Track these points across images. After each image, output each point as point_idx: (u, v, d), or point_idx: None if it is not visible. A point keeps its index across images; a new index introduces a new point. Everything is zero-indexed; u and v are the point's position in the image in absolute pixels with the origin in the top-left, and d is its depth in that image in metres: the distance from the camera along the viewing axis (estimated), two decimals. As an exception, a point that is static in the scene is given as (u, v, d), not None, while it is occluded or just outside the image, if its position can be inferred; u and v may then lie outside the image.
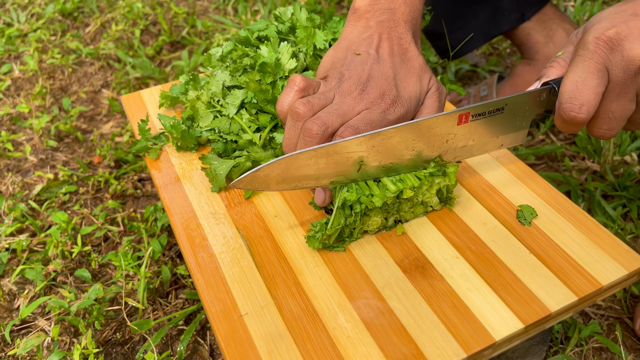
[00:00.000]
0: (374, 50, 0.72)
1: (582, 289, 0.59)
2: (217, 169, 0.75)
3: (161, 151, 0.84)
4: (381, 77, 0.70)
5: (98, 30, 1.76)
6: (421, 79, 0.73)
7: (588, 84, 0.60)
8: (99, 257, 1.07)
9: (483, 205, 0.71)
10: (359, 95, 0.68)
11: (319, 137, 0.65)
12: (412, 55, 0.74)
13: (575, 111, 0.60)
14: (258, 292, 0.64)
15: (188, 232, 0.72)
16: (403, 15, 0.75)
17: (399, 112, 0.69)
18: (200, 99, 0.82)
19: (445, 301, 0.60)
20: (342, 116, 0.67)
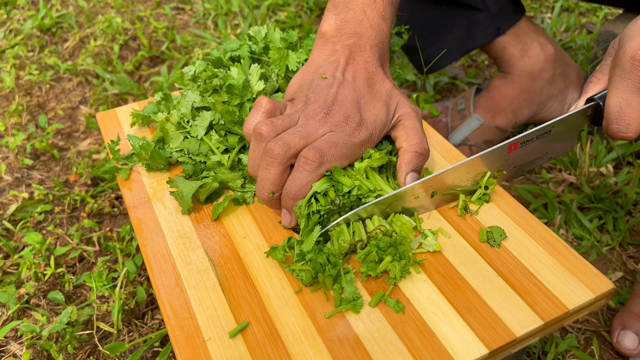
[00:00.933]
0: (340, 74, 0.72)
1: (548, 313, 0.59)
2: (183, 190, 0.74)
3: (131, 171, 0.83)
4: (346, 100, 0.70)
5: (77, 46, 1.75)
6: (388, 104, 0.73)
7: (631, 104, 0.64)
8: (73, 279, 1.06)
9: (452, 226, 0.70)
10: (323, 118, 0.69)
11: (281, 158, 0.65)
12: (378, 80, 0.74)
13: (622, 132, 0.65)
14: (222, 317, 0.63)
15: (155, 254, 0.71)
16: (369, 39, 0.75)
17: (363, 135, 0.69)
18: (170, 120, 0.81)
19: (411, 325, 0.60)
20: (305, 138, 0.67)
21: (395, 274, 0.63)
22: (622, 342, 0.89)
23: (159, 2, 1.96)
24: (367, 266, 0.64)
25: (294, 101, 0.74)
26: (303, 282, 0.65)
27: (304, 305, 0.63)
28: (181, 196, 0.74)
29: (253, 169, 0.70)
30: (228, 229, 0.74)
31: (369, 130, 0.70)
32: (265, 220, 0.75)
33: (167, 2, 1.96)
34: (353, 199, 0.67)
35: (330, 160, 0.67)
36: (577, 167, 1.19)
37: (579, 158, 1.20)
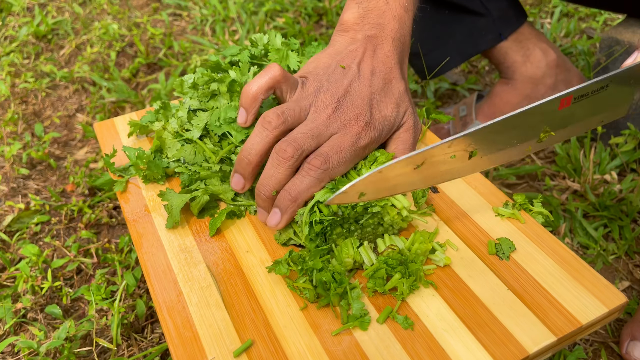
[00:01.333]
0: (356, 66, 0.70)
1: (561, 328, 0.57)
2: (173, 204, 0.73)
3: (128, 183, 0.81)
4: (358, 96, 0.69)
5: (73, 53, 1.73)
6: (399, 106, 0.72)
7: None
8: (71, 292, 1.04)
9: (460, 238, 0.69)
10: (333, 113, 0.68)
11: (293, 160, 0.65)
12: (394, 78, 0.72)
13: None
14: (226, 335, 0.61)
15: (156, 269, 0.69)
16: (392, 32, 0.73)
17: (371, 136, 0.68)
18: (167, 129, 0.80)
19: (420, 342, 0.58)
20: (316, 137, 0.66)
21: (402, 290, 0.61)
22: (632, 354, 0.88)
23: (156, 9, 1.95)
24: (375, 282, 0.62)
25: (305, 82, 0.72)
26: (308, 300, 0.63)
27: (309, 322, 0.61)
28: (170, 209, 0.73)
29: (248, 153, 0.68)
30: (230, 242, 0.72)
31: (377, 131, 0.69)
32: (269, 233, 0.73)
33: (164, 9, 1.95)
34: (359, 209, 0.65)
35: (335, 167, 0.66)
36: (581, 175, 1.18)
37: (583, 165, 1.19)
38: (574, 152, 1.22)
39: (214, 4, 1.89)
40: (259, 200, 0.69)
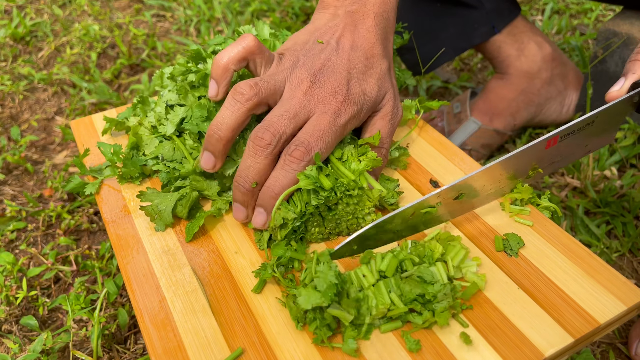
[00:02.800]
0: (335, 41, 0.67)
1: (578, 329, 0.53)
2: (160, 205, 0.67)
3: (103, 184, 0.76)
4: (336, 70, 0.65)
5: (52, 55, 1.67)
6: (380, 84, 0.68)
7: None
8: (48, 302, 0.97)
9: (464, 234, 0.64)
10: (309, 88, 0.64)
11: (272, 147, 0.61)
12: (377, 54, 0.68)
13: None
14: (214, 343, 0.56)
15: (136, 273, 0.63)
16: (374, 7, 0.70)
17: (350, 111, 0.64)
18: (143, 124, 0.74)
19: (428, 348, 0.53)
20: (293, 118, 0.62)
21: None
22: (642, 355, 0.83)
23: (139, 9, 1.89)
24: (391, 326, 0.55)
25: (282, 57, 0.69)
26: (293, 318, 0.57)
27: (305, 327, 0.56)
28: (157, 211, 0.67)
29: (219, 127, 0.63)
30: (217, 243, 0.67)
31: (357, 105, 0.65)
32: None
33: (147, 9, 1.90)
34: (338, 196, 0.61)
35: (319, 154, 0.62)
36: (581, 171, 1.14)
37: (582, 161, 1.15)
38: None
39: (198, 4, 1.84)
40: (238, 194, 0.64)
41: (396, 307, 0.54)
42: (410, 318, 0.54)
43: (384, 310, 0.54)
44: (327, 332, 0.54)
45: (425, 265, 0.57)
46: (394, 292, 0.55)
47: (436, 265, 0.57)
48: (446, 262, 0.58)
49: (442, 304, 0.54)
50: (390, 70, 0.70)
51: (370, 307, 0.54)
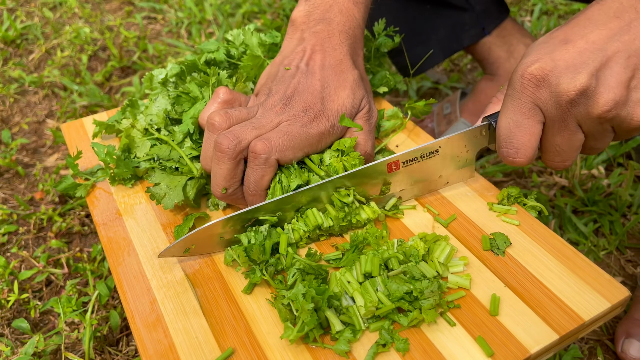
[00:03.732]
0: (304, 64, 0.70)
1: (563, 326, 0.54)
2: (170, 183, 0.68)
3: (94, 187, 0.76)
4: (307, 90, 0.67)
5: (42, 58, 1.67)
6: (354, 93, 0.70)
7: (521, 125, 0.58)
8: (40, 305, 0.97)
9: (452, 234, 0.65)
10: (281, 109, 0.66)
11: (230, 152, 0.62)
12: (346, 68, 0.70)
13: (512, 156, 0.59)
14: (205, 343, 0.56)
15: (127, 275, 0.64)
16: (339, 25, 0.72)
17: (323, 126, 0.66)
18: (136, 126, 0.75)
19: (415, 345, 0.54)
20: (258, 129, 0.64)
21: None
22: (628, 352, 0.85)
23: (130, 12, 1.89)
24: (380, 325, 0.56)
25: (258, 94, 0.71)
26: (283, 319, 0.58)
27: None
28: (165, 191, 0.68)
29: (205, 162, 0.67)
30: (208, 245, 0.67)
31: (330, 121, 0.67)
32: (249, 234, 0.68)
33: (138, 12, 1.90)
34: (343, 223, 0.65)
35: (281, 150, 0.63)
36: (569, 170, 1.16)
37: (570, 160, 1.17)
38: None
39: (189, 6, 1.84)
40: (221, 200, 0.68)
41: (384, 305, 0.55)
42: (396, 318, 0.55)
43: (373, 309, 0.55)
44: (318, 330, 0.55)
45: (412, 264, 0.57)
46: (381, 290, 0.56)
47: (422, 262, 0.58)
48: (433, 260, 0.59)
49: (429, 301, 0.54)
50: (361, 78, 0.72)
51: (358, 307, 0.55)
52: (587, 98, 0.53)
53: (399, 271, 0.57)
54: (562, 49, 0.54)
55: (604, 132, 0.56)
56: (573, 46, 0.54)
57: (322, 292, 0.55)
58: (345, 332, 0.54)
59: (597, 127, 0.55)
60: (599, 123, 0.54)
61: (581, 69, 0.52)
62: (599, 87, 0.52)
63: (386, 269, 0.59)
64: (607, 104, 0.52)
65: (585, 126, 0.56)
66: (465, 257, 0.61)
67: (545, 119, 0.57)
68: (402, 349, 0.53)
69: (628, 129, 0.54)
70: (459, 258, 0.61)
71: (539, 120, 0.57)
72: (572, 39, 0.54)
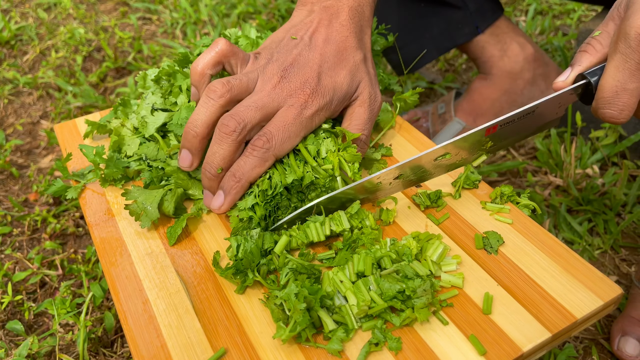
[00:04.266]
0: (308, 37, 0.70)
1: (555, 324, 0.54)
2: (145, 201, 0.67)
3: (85, 189, 0.76)
4: (307, 64, 0.67)
5: (37, 59, 1.66)
6: (353, 75, 0.70)
7: (628, 87, 0.57)
8: (34, 306, 0.97)
9: (445, 232, 0.65)
10: (279, 82, 0.66)
11: (236, 134, 0.63)
12: (350, 46, 0.70)
13: (615, 117, 0.59)
14: (197, 344, 0.56)
15: (120, 275, 0.64)
16: (348, 1, 0.72)
17: (318, 103, 0.66)
18: (125, 125, 0.74)
19: (408, 344, 0.54)
20: (261, 109, 0.65)
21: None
22: (624, 350, 0.85)
23: (125, 12, 1.89)
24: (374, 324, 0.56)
25: (258, 56, 0.72)
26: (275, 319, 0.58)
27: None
28: (142, 208, 0.67)
29: (194, 124, 0.65)
30: (201, 244, 0.67)
31: (326, 97, 0.67)
32: (242, 234, 0.68)
33: (133, 12, 1.89)
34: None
35: (279, 145, 0.64)
36: (563, 169, 1.16)
37: (564, 160, 1.17)
38: (555, 147, 1.19)
39: (184, 6, 1.84)
40: (205, 180, 0.67)
41: (376, 304, 0.55)
42: (389, 318, 0.55)
43: (365, 308, 0.55)
44: (311, 330, 0.55)
45: (405, 263, 0.57)
46: (374, 289, 0.56)
47: (415, 261, 0.58)
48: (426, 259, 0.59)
49: (421, 300, 0.54)
50: (365, 60, 0.72)
51: (351, 306, 0.55)
52: None
53: (391, 270, 0.57)
54: None
55: None
56: None
57: (314, 292, 0.55)
58: (338, 332, 0.54)
59: None
60: None
61: None
62: None
63: (379, 268, 0.59)
64: None
65: None
66: (458, 255, 0.61)
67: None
68: (395, 348, 0.53)
69: None
70: (452, 257, 0.61)
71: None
72: None
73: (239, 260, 0.60)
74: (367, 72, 0.71)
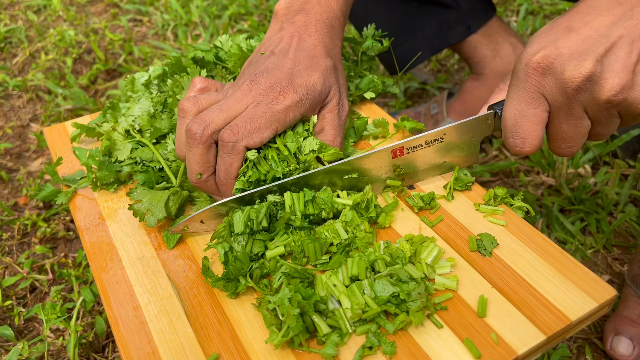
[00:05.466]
0: (279, 49, 0.71)
1: (550, 327, 0.53)
2: (152, 200, 0.67)
3: (76, 194, 0.75)
4: (277, 68, 0.68)
5: (26, 61, 1.65)
6: (325, 78, 0.70)
7: (526, 115, 0.58)
8: (24, 312, 0.96)
9: (439, 235, 0.65)
10: (248, 86, 0.67)
11: (199, 136, 0.64)
12: (320, 53, 0.71)
13: (519, 146, 0.59)
14: (189, 349, 0.55)
15: (110, 280, 0.63)
16: (316, 15, 0.74)
17: (290, 99, 0.66)
18: (117, 129, 0.74)
19: (402, 348, 0.53)
20: (225, 111, 0.65)
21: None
22: (617, 349, 0.85)
23: (115, 14, 1.88)
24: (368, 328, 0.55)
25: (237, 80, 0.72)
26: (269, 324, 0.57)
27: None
28: (147, 208, 0.67)
29: (179, 148, 0.68)
30: (193, 250, 0.67)
31: (298, 94, 0.67)
32: (234, 237, 0.68)
33: (123, 14, 1.88)
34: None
35: (247, 135, 0.64)
36: (555, 169, 1.16)
37: (556, 160, 1.17)
38: (547, 146, 1.20)
39: (175, 8, 1.83)
40: (197, 187, 0.68)
41: (370, 308, 0.54)
42: (383, 324, 0.55)
43: (359, 312, 0.54)
44: (304, 334, 0.54)
45: (399, 266, 0.57)
46: (368, 293, 0.56)
47: (409, 264, 0.57)
48: (420, 262, 0.58)
49: (416, 303, 0.54)
50: (336, 69, 0.73)
51: (345, 310, 0.55)
52: (593, 84, 0.53)
53: (385, 273, 0.57)
54: (565, 36, 0.54)
55: (610, 118, 0.56)
56: (577, 33, 0.54)
57: (308, 297, 0.54)
58: (332, 336, 0.54)
59: (603, 113, 0.55)
60: (605, 109, 0.54)
61: (586, 55, 0.52)
62: (604, 73, 0.52)
63: (373, 271, 0.58)
64: (614, 89, 0.52)
65: (592, 112, 0.56)
66: (452, 258, 0.61)
67: (550, 107, 0.57)
68: (389, 352, 0.53)
69: (634, 114, 0.55)
70: (446, 259, 0.60)
71: (544, 108, 0.57)
72: (576, 26, 0.54)
73: (228, 271, 0.59)
74: (337, 81, 0.72)
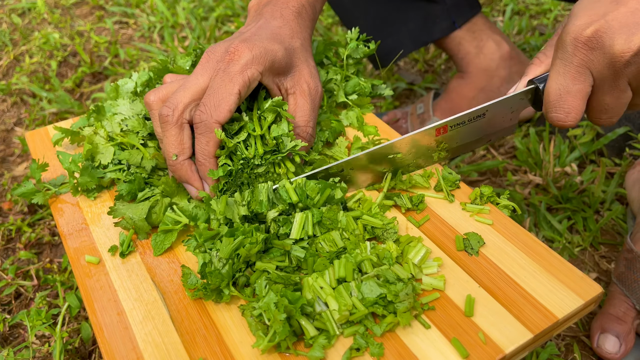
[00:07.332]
0: (245, 31, 0.72)
1: (537, 325, 0.54)
2: (134, 216, 0.66)
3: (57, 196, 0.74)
4: (234, 38, 0.69)
5: (11, 64, 1.63)
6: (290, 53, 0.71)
7: (571, 90, 0.59)
8: (9, 318, 0.94)
9: (426, 235, 0.64)
10: (205, 58, 0.69)
11: (170, 117, 0.66)
12: (284, 33, 0.73)
13: (562, 120, 0.60)
14: (175, 355, 0.55)
15: (94, 286, 0.62)
16: (283, 3, 0.76)
17: (245, 56, 0.66)
18: (99, 133, 0.73)
19: (390, 349, 0.53)
20: (189, 88, 0.67)
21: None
22: (603, 347, 0.85)
23: (101, 16, 1.86)
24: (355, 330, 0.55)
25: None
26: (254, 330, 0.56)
27: (267, 334, 0.56)
28: (132, 223, 0.66)
29: (158, 137, 0.70)
30: (178, 254, 0.66)
31: (253, 51, 0.67)
32: (220, 240, 0.67)
33: (109, 16, 1.86)
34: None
35: (213, 109, 0.65)
36: (542, 168, 1.16)
37: (543, 159, 1.17)
38: (534, 145, 1.20)
39: (161, 10, 1.82)
40: (174, 174, 0.69)
41: (358, 310, 0.54)
42: (370, 326, 0.54)
43: (347, 314, 0.54)
44: (291, 338, 0.54)
45: (386, 267, 0.57)
46: (355, 295, 0.55)
47: (396, 265, 0.57)
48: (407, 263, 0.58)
49: (404, 304, 0.54)
50: (303, 49, 0.73)
51: (332, 312, 0.54)
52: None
53: (372, 274, 0.56)
54: (614, 9, 0.54)
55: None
56: (625, 6, 0.54)
57: (295, 300, 0.54)
58: (319, 338, 0.53)
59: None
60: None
61: (635, 29, 0.53)
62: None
63: (360, 272, 0.58)
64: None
65: (635, 84, 0.57)
66: (439, 258, 0.61)
67: (595, 81, 0.58)
68: (377, 354, 0.52)
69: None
70: (433, 259, 0.60)
71: (589, 83, 0.58)
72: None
73: (207, 284, 0.58)
74: (306, 62, 0.73)
